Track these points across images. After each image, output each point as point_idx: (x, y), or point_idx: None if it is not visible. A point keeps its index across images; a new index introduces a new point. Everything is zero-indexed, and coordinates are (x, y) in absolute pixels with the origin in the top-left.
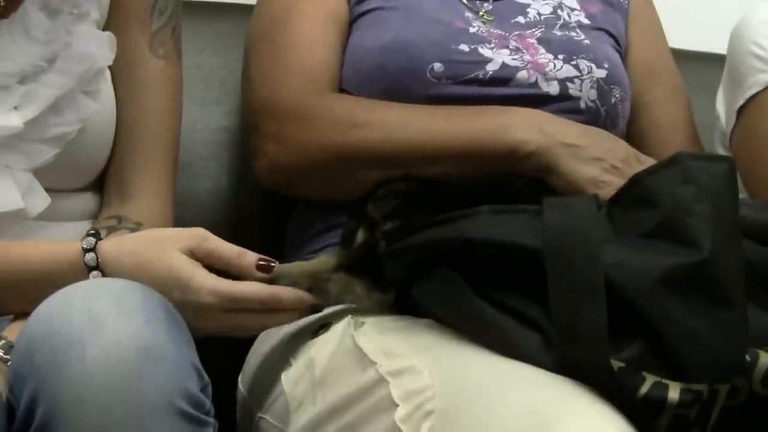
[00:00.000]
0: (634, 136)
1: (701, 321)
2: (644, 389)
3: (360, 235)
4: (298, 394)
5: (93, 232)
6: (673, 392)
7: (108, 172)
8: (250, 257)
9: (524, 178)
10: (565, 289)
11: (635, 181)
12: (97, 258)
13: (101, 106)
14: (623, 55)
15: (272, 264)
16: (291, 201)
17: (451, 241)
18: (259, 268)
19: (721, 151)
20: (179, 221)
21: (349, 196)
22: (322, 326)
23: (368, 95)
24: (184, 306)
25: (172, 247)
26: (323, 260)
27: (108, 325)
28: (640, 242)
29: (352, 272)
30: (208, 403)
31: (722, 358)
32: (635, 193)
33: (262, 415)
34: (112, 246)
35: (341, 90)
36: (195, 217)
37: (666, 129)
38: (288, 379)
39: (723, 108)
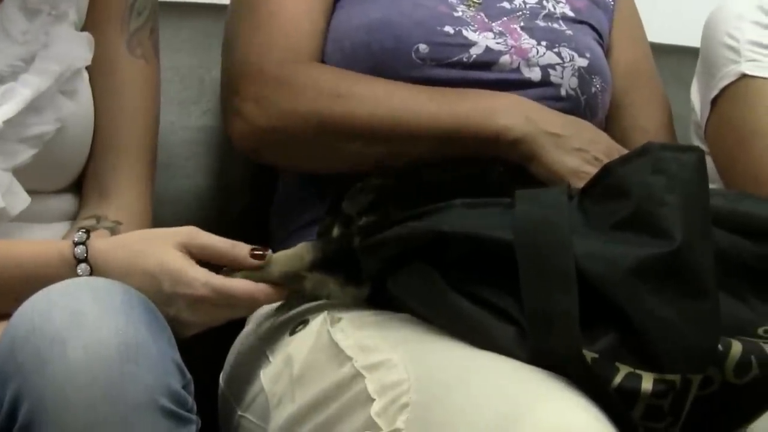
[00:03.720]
0: (616, 135)
1: (673, 311)
2: (618, 380)
3: (336, 231)
4: (278, 392)
5: (84, 228)
6: (647, 383)
7: (86, 172)
8: (242, 247)
9: (502, 167)
10: (537, 280)
11: (606, 170)
12: (87, 251)
13: (79, 106)
14: (606, 52)
15: (265, 252)
16: (270, 199)
17: (424, 235)
18: (252, 257)
19: (697, 143)
20: (158, 221)
21: (326, 168)
22: (300, 323)
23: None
24: (175, 299)
25: (165, 243)
26: (299, 258)
27: (89, 324)
28: (611, 232)
29: (325, 268)
30: (190, 401)
31: (695, 348)
32: (606, 183)
33: (243, 413)
34: (104, 241)
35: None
36: (174, 217)
37: (648, 130)
38: (267, 376)
39: (697, 99)
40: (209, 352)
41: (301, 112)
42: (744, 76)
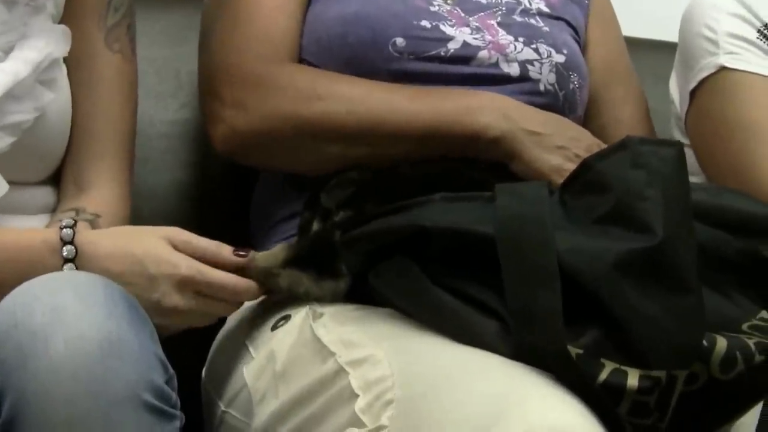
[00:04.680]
0: (594, 131)
1: (657, 307)
2: (603, 376)
3: (315, 225)
4: (261, 387)
5: (71, 217)
6: (632, 379)
7: (65, 164)
8: (226, 246)
9: (484, 164)
10: (519, 275)
11: (585, 166)
12: (74, 234)
13: (58, 96)
14: (582, 48)
15: (247, 252)
16: (251, 192)
17: (404, 230)
18: (235, 255)
19: (678, 136)
20: (137, 216)
21: (308, 170)
22: (282, 318)
23: (328, 66)
24: (160, 280)
25: (151, 234)
26: (273, 255)
27: (71, 319)
28: (593, 227)
29: (300, 264)
30: (173, 396)
31: (680, 344)
32: (586, 178)
33: (226, 409)
34: (90, 231)
35: (301, 60)
36: (153, 212)
37: (627, 126)
38: (249, 372)
39: (676, 91)
40: (192, 347)
41: (280, 115)
42: (723, 68)
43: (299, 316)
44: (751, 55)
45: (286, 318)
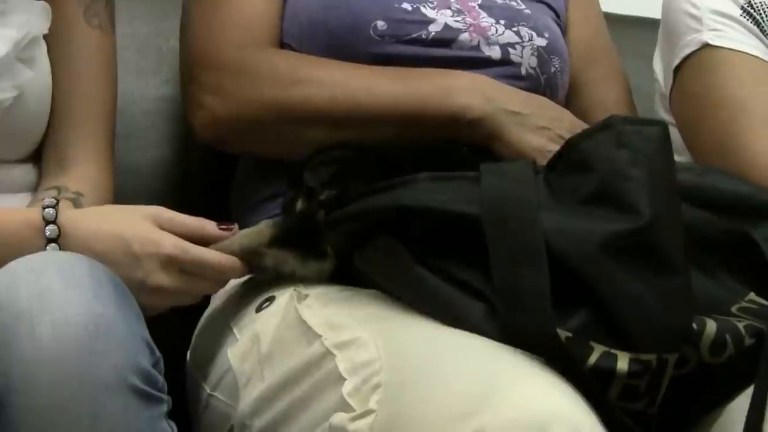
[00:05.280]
0: (577, 114)
1: (645, 288)
2: (593, 359)
3: (299, 204)
4: (246, 370)
5: (53, 196)
6: (622, 362)
7: (46, 143)
8: (210, 223)
9: (466, 146)
10: (506, 256)
11: (570, 145)
12: (57, 214)
13: (37, 74)
14: (563, 31)
15: (232, 226)
16: (235, 169)
17: (388, 210)
18: (220, 230)
19: (662, 113)
20: (121, 193)
21: (291, 154)
22: (267, 299)
23: (309, 50)
24: (144, 260)
25: (135, 213)
26: (258, 233)
27: (56, 301)
28: (578, 208)
29: (286, 244)
30: (161, 379)
31: (669, 327)
32: (570, 158)
33: (212, 392)
34: (73, 210)
35: (282, 44)
36: (135, 189)
37: (608, 109)
38: (234, 355)
39: (660, 68)
40: (176, 330)
41: (260, 101)
42: (706, 45)
43: (284, 297)
44: (734, 32)
45: (271, 299)
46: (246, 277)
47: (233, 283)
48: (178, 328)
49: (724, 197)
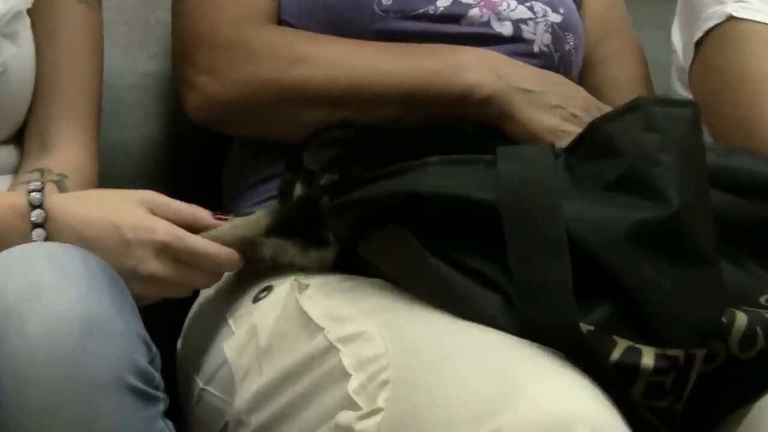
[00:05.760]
0: (590, 92)
1: (673, 280)
2: (616, 355)
3: (298, 188)
4: (243, 364)
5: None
6: (647, 358)
7: (28, 123)
8: (205, 212)
9: (473, 125)
10: (525, 246)
11: (594, 128)
12: (43, 199)
13: (21, 50)
14: (578, 5)
15: (227, 216)
16: (227, 149)
17: (398, 196)
18: (215, 219)
19: (678, 88)
20: (107, 173)
21: (288, 136)
22: (264, 289)
23: (310, 28)
24: (137, 247)
25: (126, 198)
26: (254, 222)
27: (48, 295)
28: (602, 195)
29: (284, 232)
30: (157, 377)
31: (698, 321)
32: (594, 141)
33: (205, 387)
34: (60, 194)
35: (279, 21)
36: (122, 169)
37: (622, 86)
38: (230, 348)
39: (679, 41)
40: (166, 318)
41: (257, 80)
42: (731, 18)
43: (283, 287)
44: (761, 4)
45: (268, 289)
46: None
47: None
48: (168, 317)
49: (752, 179)
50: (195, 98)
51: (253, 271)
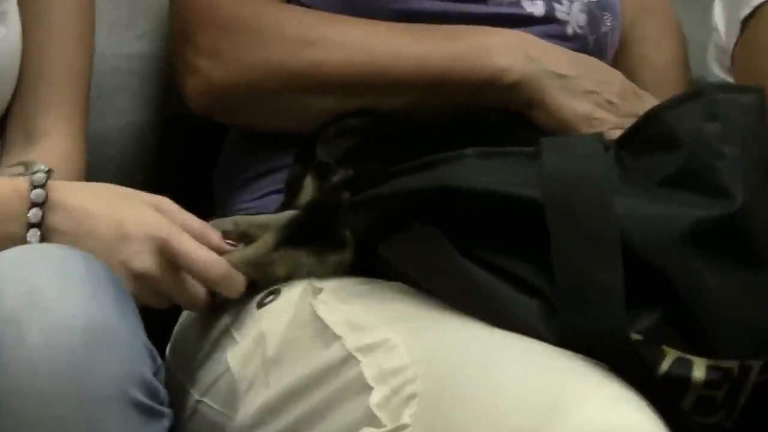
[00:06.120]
0: (624, 74)
1: (733, 285)
2: (665, 366)
3: (308, 183)
4: (248, 375)
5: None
6: (699, 370)
7: (12, 111)
8: (215, 234)
9: (494, 113)
10: (572, 246)
11: (649, 117)
12: (47, 179)
13: (8, 31)
14: None
15: (236, 246)
16: (221, 137)
17: (431, 192)
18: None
19: (716, 69)
20: (88, 165)
21: (296, 127)
22: (270, 293)
23: (322, 7)
24: (133, 240)
25: (135, 197)
26: (263, 243)
27: (49, 302)
28: (657, 191)
29: (296, 241)
30: (162, 391)
31: (757, 330)
32: (650, 131)
33: (201, 399)
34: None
35: (290, 1)
36: (106, 160)
37: (659, 68)
38: (235, 357)
39: (722, 18)
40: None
41: (264, 65)
42: None
43: (294, 291)
44: None
45: (275, 293)
46: None
47: None
48: (157, 323)
49: None
50: (195, 84)
51: None
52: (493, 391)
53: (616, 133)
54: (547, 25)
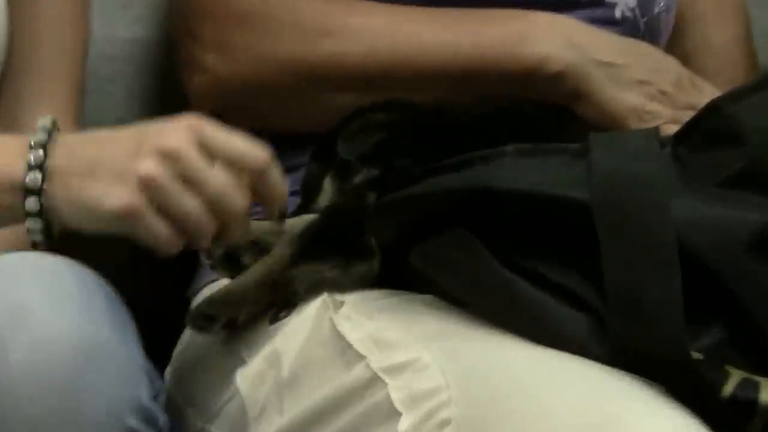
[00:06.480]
0: (680, 59)
1: None
2: (729, 388)
3: (327, 184)
4: (260, 398)
5: None
6: (766, 392)
7: None
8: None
9: (530, 105)
10: (624, 254)
11: (711, 109)
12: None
13: None
14: None
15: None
16: None
17: (467, 193)
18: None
19: None
20: None
21: (312, 125)
22: (283, 307)
23: None
24: (143, 143)
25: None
26: (278, 258)
27: (35, 318)
28: (720, 192)
29: (315, 252)
30: (161, 417)
31: None
32: (711, 125)
33: (206, 425)
34: None
35: None
36: None
37: (719, 51)
38: (245, 379)
39: None
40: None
41: (278, 58)
42: None
43: (312, 305)
44: None
45: (290, 306)
46: None
47: None
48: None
49: None
50: (201, 82)
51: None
52: (538, 418)
53: (672, 128)
54: (592, 8)
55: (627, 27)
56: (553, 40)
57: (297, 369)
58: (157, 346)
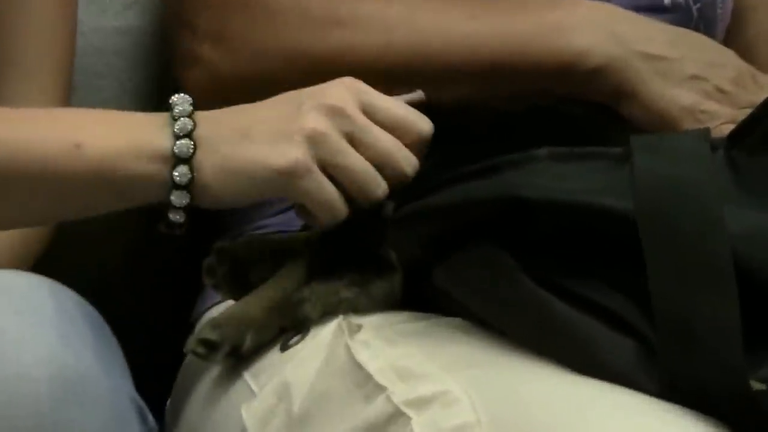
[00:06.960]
0: (739, 50)
1: None
2: None
3: None
4: None
5: None
6: None
7: None
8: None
9: (579, 106)
10: (673, 272)
11: None
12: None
13: None
14: None
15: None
16: None
17: (494, 203)
18: None
19: None
20: None
21: None
22: (296, 333)
23: None
24: (305, 102)
25: None
26: (285, 280)
27: (7, 346)
28: None
29: (329, 269)
30: None
31: None
32: None
33: None
34: None
35: None
36: None
37: None
38: (252, 414)
39: None
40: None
41: (282, 50)
42: None
43: (326, 330)
44: None
45: (302, 331)
46: None
47: None
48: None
49: None
50: (198, 76)
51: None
52: None
53: (731, 129)
54: None
55: (678, 14)
56: (593, 31)
57: (309, 403)
58: (157, 378)
